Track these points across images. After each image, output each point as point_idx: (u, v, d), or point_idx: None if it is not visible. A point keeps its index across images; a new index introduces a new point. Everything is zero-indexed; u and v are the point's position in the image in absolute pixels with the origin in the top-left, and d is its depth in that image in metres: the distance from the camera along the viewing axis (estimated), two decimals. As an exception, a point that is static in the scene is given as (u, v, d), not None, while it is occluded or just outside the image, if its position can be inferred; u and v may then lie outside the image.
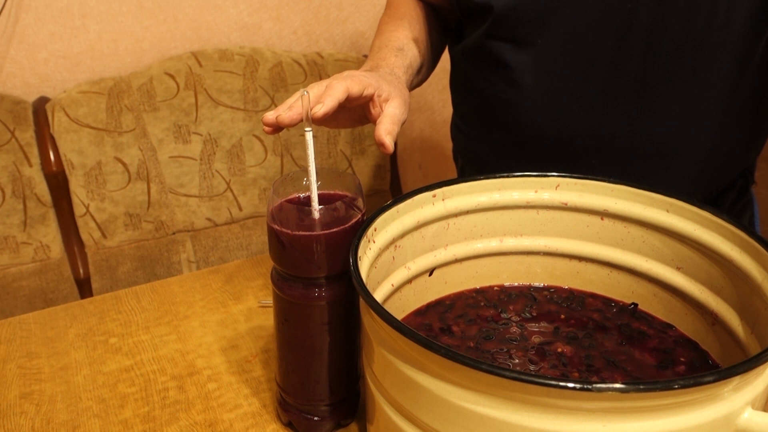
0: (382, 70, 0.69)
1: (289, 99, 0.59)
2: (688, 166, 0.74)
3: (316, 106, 0.55)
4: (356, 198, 0.55)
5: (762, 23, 0.67)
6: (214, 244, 1.28)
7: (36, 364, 0.71)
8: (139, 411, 0.64)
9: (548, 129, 0.75)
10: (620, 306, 0.63)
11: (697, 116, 0.71)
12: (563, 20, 0.71)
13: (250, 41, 1.36)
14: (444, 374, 0.42)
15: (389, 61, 0.72)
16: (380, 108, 0.61)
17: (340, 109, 0.58)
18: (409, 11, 0.83)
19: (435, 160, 1.70)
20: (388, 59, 0.72)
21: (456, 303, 0.64)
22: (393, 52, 0.74)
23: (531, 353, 0.57)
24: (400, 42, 0.76)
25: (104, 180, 1.18)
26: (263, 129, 0.58)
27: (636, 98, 0.71)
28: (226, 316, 0.78)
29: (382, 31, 0.80)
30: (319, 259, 0.52)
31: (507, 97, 0.76)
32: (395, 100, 0.62)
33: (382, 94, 0.62)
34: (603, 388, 0.36)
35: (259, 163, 1.29)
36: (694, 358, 0.56)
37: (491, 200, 0.62)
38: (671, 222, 0.58)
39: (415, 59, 0.77)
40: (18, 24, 1.16)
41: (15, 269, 1.15)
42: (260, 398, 0.65)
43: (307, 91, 0.54)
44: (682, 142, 0.72)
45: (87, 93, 1.17)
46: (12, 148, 1.12)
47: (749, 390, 0.41)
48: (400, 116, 0.61)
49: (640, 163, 0.74)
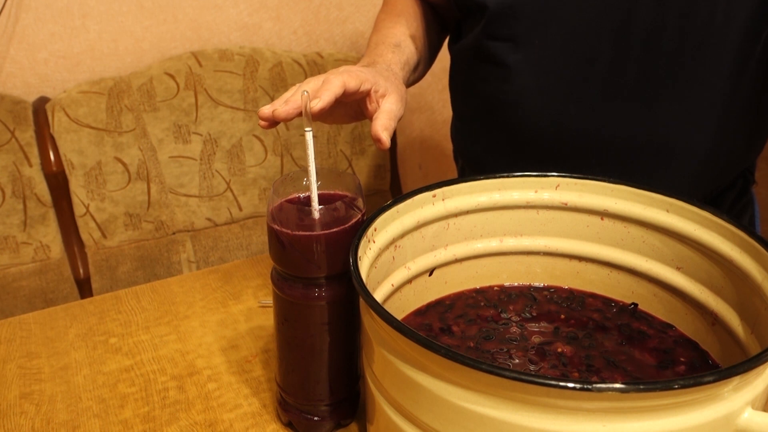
0: (378, 66, 0.69)
1: (285, 93, 0.59)
2: (688, 166, 0.74)
3: (312, 100, 0.55)
4: (356, 198, 0.55)
5: (761, 23, 0.67)
6: (214, 244, 1.28)
7: (36, 364, 0.71)
8: (139, 411, 0.64)
9: (547, 129, 0.75)
10: (620, 306, 0.63)
11: (696, 116, 0.71)
12: (561, 20, 0.71)
13: (250, 41, 1.36)
14: (444, 374, 0.42)
15: (386, 57, 0.72)
16: (377, 103, 0.61)
17: (336, 105, 0.58)
18: (407, 8, 0.83)
19: (435, 160, 1.70)
20: (384, 55, 0.72)
21: (456, 303, 0.64)
22: (390, 48, 0.74)
23: (531, 353, 0.57)
24: (397, 38, 0.76)
25: (104, 180, 1.18)
26: (259, 123, 0.58)
27: (635, 98, 0.71)
28: (226, 316, 0.78)
29: (379, 28, 0.80)
30: (319, 259, 0.52)
31: (506, 98, 0.76)
32: (392, 96, 0.62)
33: (379, 89, 0.61)
34: (603, 388, 0.36)
35: (259, 163, 1.29)
36: (694, 358, 0.56)
37: (491, 200, 0.62)
38: (671, 222, 0.58)
39: (412, 56, 0.77)
40: (18, 24, 1.16)
41: (15, 269, 1.15)
42: (260, 398, 0.65)
43: (306, 91, 0.54)
44: (682, 141, 0.72)
45: (87, 93, 1.17)
46: (12, 148, 1.12)
47: (749, 390, 0.41)
48: (396, 112, 0.61)
49: (640, 163, 0.74)
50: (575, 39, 0.71)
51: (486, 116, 0.81)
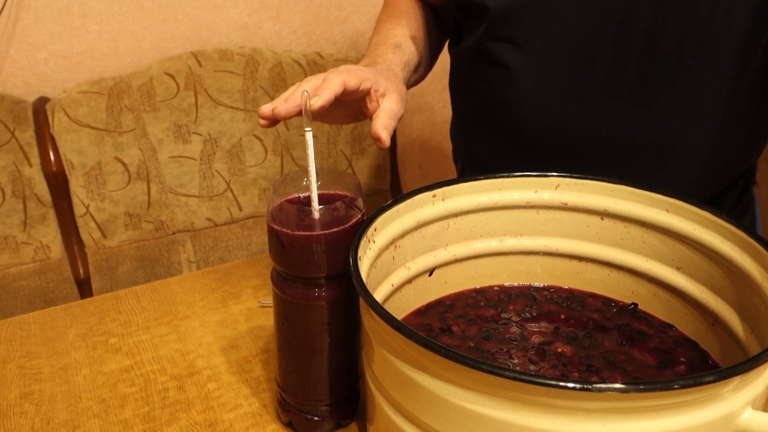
0: (379, 65, 0.69)
1: (286, 92, 0.59)
2: (688, 166, 0.74)
3: (312, 98, 0.55)
4: (356, 198, 0.55)
5: (762, 23, 0.67)
6: (214, 244, 1.28)
7: (36, 364, 0.71)
8: (139, 411, 0.64)
9: (547, 129, 0.75)
10: (620, 306, 0.63)
11: (697, 116, 0.71)
12: (562, 20, 0.71)
13: (250, 41, 1.36)
14: (444, 374, 0.42)
15: (386, 57, 0.72)
16: (377, 103, 0.61)
17: (336, 104, 0.58)
18: (407, 9, 0.83)
19: (435, 160, 1.70)
20: (385, 56, 0.72)
21: (456, 303, 0.64)
22: (390, 49, 0.74)
23: (531, 353, 0.57)
24: (397, 39, 0.76)
25: (104, 180, 1.18)
26: (259, 122, 0.58)
27: (636, 98, 0.71)
28: (226, 316, 0.78)
29: (380, 29, 0.80)
30: (319, 259, 0.52)
31: (506, 98, 0.76)
32: (392, 95, 0.62)
33: (379, 89, 0.61)
34: (603, 388, 0.36)
35: (259, 163, 1.29)
36: (694, 358, 0.56)
37: (491, 200, 0.62)
38: (671, 222, 0.58)
39: (413, 57, 0.77)
40: (18, 24, 1.16)
41: (15, 269, 1.15)
42: (260, 398, 0.65)
43: (306, 90, 0.54)
44: (682, 142, 0.72)
45: (87, 93, 1.17)
46: (12, 148, 1.12)
47: (749, 390, 0.41)
48: (396, 111, 0.61)
49: (641, 163, 0.74)
50: (575, 39, 0.71)
51: (486, 116, 0.81)
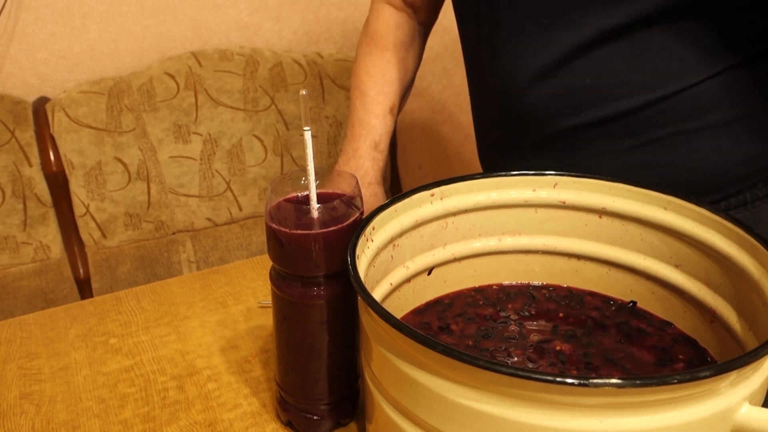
0: (360, 179, 0.74)
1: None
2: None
3: None
4: (354, 197, 0.55)
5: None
6: (214, 244, 1.29)
7: (36, 364, 0.71)
8: (139, 411, 0.64)
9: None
10: (619, 304, 0.63)
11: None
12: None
13: (250, 41, 1.37)
14: (442, 371, 0.42)
15: (365, 165, 0.81)
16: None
17: None
18: (390, 36, 0.83)
19: (435, 161, 1.70)
20: (364, 164, 0.81)
21: (455, 302, 0.64)
22: (369, 153, 0.81)
23: (530, 351, 0.57)
24: (376, 133, 0.81)
25: (104, 180, 1.18)
26: None
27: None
28: (226, 316, 0.78)
29: (363, 88, 0.82)
30: (317, 258, 0.52)
31: (491, 61, 0.74)
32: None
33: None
34: (600, 384, 0.37)
35: (259, 163, 1.29)
36: (693, 355, 0.56)
37: (489, 199, 0.62)
38: (669, 219, 0.58)
39: (389, 133, 0.83)
40: (18, 24, 1.17)
41: (15, 269, 1.15)
42: (260, 398, 0.65)
43: (305, 90, 0.55)
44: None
45: (87, 93, 1.17)
46: (12, 148, 1.12)
47: (746, 385, 0.41)
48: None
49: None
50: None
51: (485, 103, 0.80)
